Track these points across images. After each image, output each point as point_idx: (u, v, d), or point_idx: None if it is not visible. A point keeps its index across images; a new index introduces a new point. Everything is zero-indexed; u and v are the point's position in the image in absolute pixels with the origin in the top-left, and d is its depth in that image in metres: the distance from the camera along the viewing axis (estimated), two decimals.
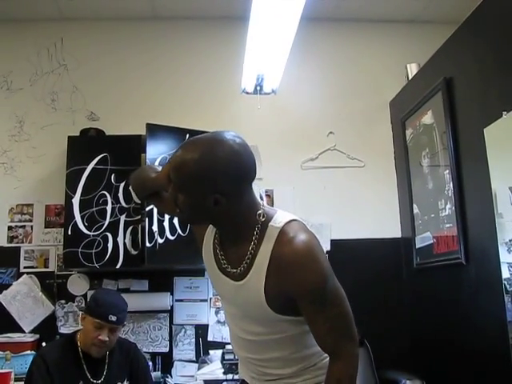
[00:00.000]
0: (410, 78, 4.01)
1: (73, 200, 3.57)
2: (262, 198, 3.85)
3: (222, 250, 1.83)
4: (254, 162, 1.70)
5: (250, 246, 1.72)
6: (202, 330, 3.88)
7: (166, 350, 3.82)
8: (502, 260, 2.68)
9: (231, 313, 1.91)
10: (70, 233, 3.54)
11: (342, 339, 1.71)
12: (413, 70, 4.02)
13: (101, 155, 3.64)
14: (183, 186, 1.65)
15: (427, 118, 3.56)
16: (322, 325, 1.69)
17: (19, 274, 3.83)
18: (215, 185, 1.61)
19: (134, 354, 3.08)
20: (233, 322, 1.93)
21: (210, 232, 1.91)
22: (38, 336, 3.68)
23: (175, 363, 3.80)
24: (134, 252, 3.53)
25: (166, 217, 3.54)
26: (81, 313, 3.10)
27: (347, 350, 1.71)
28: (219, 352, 3.68)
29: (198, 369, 3.67)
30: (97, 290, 3.59)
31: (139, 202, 3.58)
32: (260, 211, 1.73)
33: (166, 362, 3.75)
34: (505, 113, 2.60)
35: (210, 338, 3.87)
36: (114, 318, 2.82)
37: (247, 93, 3.62)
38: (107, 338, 2.82)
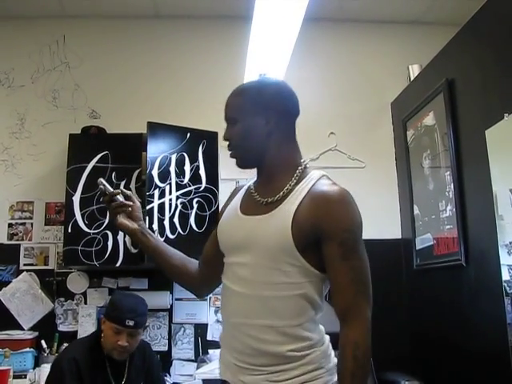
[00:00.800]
0: (412, 79, 4.01)
1: (73, 198, 3.57)
2: None
3: (257, 191, 1.87)
4: (297, 99, 1.90)
5: (290, 180, 1.79)
6: (201, 329, 3.88)
7: (165, 348, 3.81)
8: (502, 262, 2.67)
9: (235, 262, 1.81)
10: (70, 231, 3.54)
11: (361, 297, 1.70)
12: (415, 71, 4.03)
13: (102, 153, 3.64)
14: (237, 112, 1.83)
15: (429, 120, 3.56)
16: (345, 274, 1.67)
17: (19, 272, 3.83)
18: (267, 102, 1.81)
19: (149, 354, 3.10)
20: (233, 275, 1.82)
21: (237, 196, 1.95)
22: (37, 333, 3.68)
23: (174, 362, 3.80)
24: (133, 250, 3.53)
25: (167, 215, 3.54)
26: (101, 316, 3.09)
27: (365, 311, 1.70)
28: (218, 351, 3.66)
29: (197, 368, 3.65)
30: (114, 293, 3.53)
31: (139, 200, 3.58)
32: (304, 159, 1.87)
33: (164, 360, 3.73)
34: (506, 115, 2.60)
35: (209, 338, 3.86)
36: (131, 323, 2.80)
37: None
38: (126, 343, 2.81)
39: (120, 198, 2.01)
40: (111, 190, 2.00)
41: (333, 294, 1.71)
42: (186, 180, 3.67)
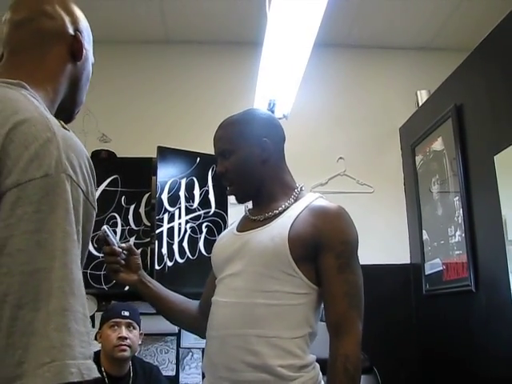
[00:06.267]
0: (421, 104, 4.03)
1: None
2: None
3: (253, 214, 1.89)
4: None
5: (287, 200, 1.84)
6: None
7: (173, 373, 3.79)
8: None
9: (227, 274, 1.80)
10: None
11: (353, 310, 1.68)
12: (423, 96, 4.05)
13: (112, 177, 3.66)
14: (232, 143, 1.85)
15: (437, 145, 3.56)
16: (340, 287, 1.68)
17: None
18: (260, 132, 1.86)
19: (155, 376, 3.11)
20: (224, 288, 1.80)
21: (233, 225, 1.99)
22: None
23: None
24: None
25: (176, 240, 3.54)
26: (96, 332, 3.12)
27: (356, 324, 1.67)
28: None
29: None
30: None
31: (149, 224, 3.60)
32: (300, 183, 1.93)
33: None
34: None
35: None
36: (126, 313, 2.95)
37: None
38: (126, 335, 2.91)
39: (122, 253, 1.93)
40: (115, 242, 1.91)
41: (325, 306, 1.72)
42: (196, 204, 3.69)
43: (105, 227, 1.88)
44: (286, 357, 1.65)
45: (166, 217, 3.54)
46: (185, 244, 3.58)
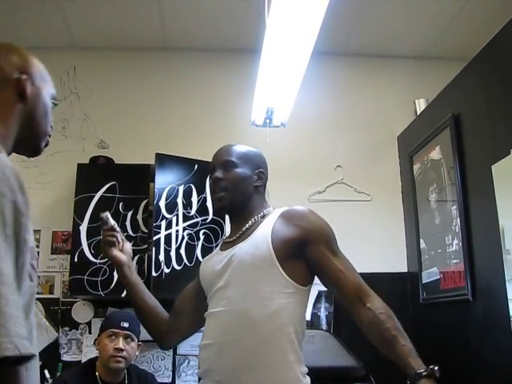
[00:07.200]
0: (419, 113, 4.03)
1: (80, 227, 3.58)
2: None
3: (230, 234, 2.08)
4: None
5: (259, 214, 2.02)
6: None
7: (169, 380, 3.78)
8: (509, 297, 2.66)
9: (219, 287, 1.92)
10: (76, 260, 3.55)
11: (361, 280, 1.87)
12: (421, 105, 4.05)
13: (109, 183, 3.66)
14: (238, 159, 2.04)
15: (435, 154, 3.57)
16: (340, 264, 1.87)
17: None
18: (259, 163, 2.10)
19: (150, 383, 3.10)
20: (217, 300, 1.92)
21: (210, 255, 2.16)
22: (40, 363, 3.64)
23: None
24: None
25: (173, 246, 3.54)
26: (95, 339, 3.14)
27: (369, 288, 1.87)
28: None
29: None
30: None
31: (146, 231, 3.60)
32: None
33: None
34: None
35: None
36: (125, 324, 2.93)
37: (257, 125, 3.63)
38: (123, 347, 2.89)
39: (118, 235, 2.15)
40: (114, 224, 2.16)
41: (337, 284, 1.86)
42: (193, 211, 3.69)
43: (105, 213, 2.13)
44: (284, 352, 1.78)
45: (163, 223, 3.53)
46: (182, 251, 3.58)
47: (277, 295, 1.81)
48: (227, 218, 3.74)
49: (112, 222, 2.14)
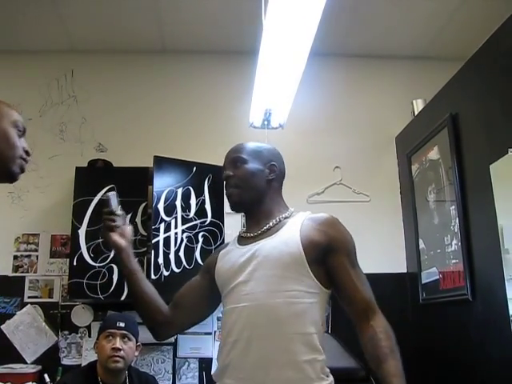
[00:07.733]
0: (416, 113, 4.04)
1: (79, 231, 3.58)
2: None
3: (249, 231, 2.04)
4: None
5: (283, 214, 2.03)
6: (205, 364, 3.83)
7: (169, 383, 3.78)
8: (509, 296, 2.66)
9: (239, 282, 1.90)
10: (75, 263, 3.54)
11: (372, 296, 1.90)
12: (419, 105, 4.06)
13: (108, 187, 3.64)
14: (247, 155, 2.05)
15: (433, 154, 3.57)
16: (357, 279, 1.88)
17: (23, 304, 3.81)
18: (271, 157, 2.09)
19: None
20: (238, 294, 1.90)
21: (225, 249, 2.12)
22: (40, 367, 3.65)
23: None
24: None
25: (172, 249, 3.54)
26: (94, 343, 3.13)
27: (377, 307, 1.88)
28: None
29: None
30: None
31: (145, 233, 3.60)
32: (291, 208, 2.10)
33: None
34: (510, 150, 2.61)
35: (213, 372, 3.83)
36: (121, 324, 2.94)
37: (255, 127, 3.63)
38: (120, 346, 2.89)
39: (121, 220, 2.08)
40: (116, 206, 2.06)
41: (351, 296, 1.88)
42: (192, 214, 3.68)
43: (110, 193, 2.05)
44: (309, 352, 1.79)
45: (162, 226, 3.53)
46: (181, 253, 3.57)
47: (303, 294, 1.83)
48: (226, 218, 3.80)
49: (114, 203, 2.04)
